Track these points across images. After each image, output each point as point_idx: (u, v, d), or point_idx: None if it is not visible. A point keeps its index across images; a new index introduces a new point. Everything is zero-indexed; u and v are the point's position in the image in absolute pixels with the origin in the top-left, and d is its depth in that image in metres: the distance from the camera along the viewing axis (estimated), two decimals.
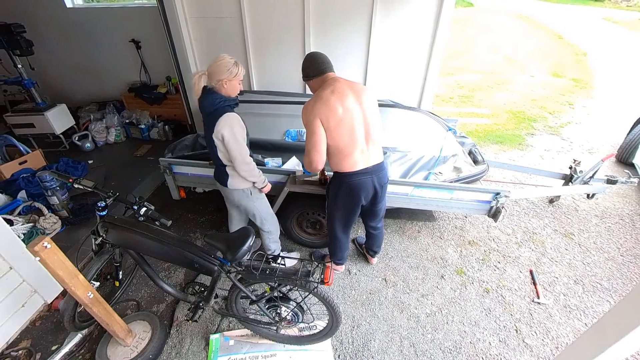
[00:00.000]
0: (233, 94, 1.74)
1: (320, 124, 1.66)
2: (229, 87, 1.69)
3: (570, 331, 2.07)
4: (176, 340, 2.00)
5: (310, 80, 1.80)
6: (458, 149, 2.64)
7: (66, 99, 4.30)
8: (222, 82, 1.66)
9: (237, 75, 1.67)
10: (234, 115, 1.71)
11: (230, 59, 1.65)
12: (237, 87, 1.73)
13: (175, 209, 3.06)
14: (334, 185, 1.91)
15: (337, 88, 1.67)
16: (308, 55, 1.82)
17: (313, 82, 1.80)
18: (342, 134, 1.69)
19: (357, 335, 2.04)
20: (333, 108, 1.64)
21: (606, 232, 2.88)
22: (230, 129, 1.68)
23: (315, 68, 1.76)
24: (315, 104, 1.66)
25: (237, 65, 1.66)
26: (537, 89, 6.41)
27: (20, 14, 4.13)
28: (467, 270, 2.49)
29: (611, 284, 2.39)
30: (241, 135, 1.72)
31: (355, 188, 1.83)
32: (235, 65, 1.65)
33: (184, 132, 4.31)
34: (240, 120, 1.73)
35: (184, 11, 3.21)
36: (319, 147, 1.69)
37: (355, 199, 1.88)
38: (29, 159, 3.34)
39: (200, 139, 2.70)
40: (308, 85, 1.85)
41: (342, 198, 1.90)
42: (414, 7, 2.90)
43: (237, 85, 1.72)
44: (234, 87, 1.71)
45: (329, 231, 2.18)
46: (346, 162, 1.76)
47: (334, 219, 2.05)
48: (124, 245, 1.68)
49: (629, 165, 3.81)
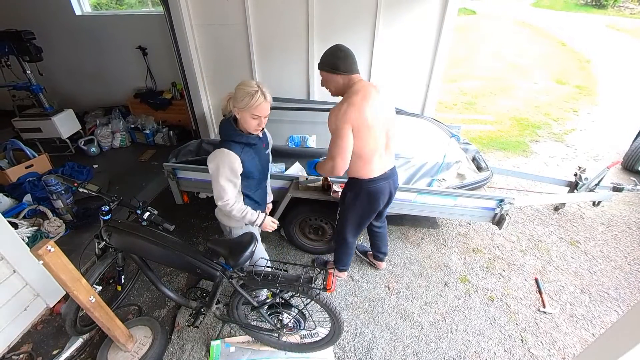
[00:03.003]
0: (247, 129, 1.49)
1: (350, 131, 1.58)
2: (240, 118, 1.47)
3: (577, 341, 2.03)
4: (177, 346, 1.99)
5: (334, 75, 1.64)
6: (461, 155, 2.63)
7: (73, 104, 4.36)
8: (235, 111, 1.46)
9: (248, 107, 1.41)
10: (227, 154, 1.46)
11: (252, 87, 1.40)
12: (250, 122, 1.46)
13: (178, 214, 3.07)
14: (352, 192, 1.86)
15: (368, 94, 1.60)
16: (342, 47, 1.65)
17: (336, 77, 1.64)
18: (369, 142, 1.64)
19: (359, 343, 2.01)
20: (365, 116, 1.58)
21: (613, 240, 2.84)
22: (215, 166, 1.46)
23: (348, 64, 1.63)
24: (347, 110, 1.56)
25: (253, 97, 1.39)
26: (540, 96, 6.40)
27: (30, 21, 4.22)
28: (471, 278, 2.45)
29: (619, 294, 2.35)
30: (226, 176, 1.48)
31: (375, 194, 1.82)
32: (250, 96, 1.39)
33: (188, 137, 4.35)
34: (233, 163, 1.46)
35: (190, 19, 3.27)
36: (345, 154, 1.62)
37: (374, 205, 1.87)
38: (35, 163, 3.38)
39: (204, 144, 2.71)
40: (326, 77, 1.68)
41: (361, 204, 1.87)
42: (417, 15, 2.93)
43: (249, 120, 1.45)
44: (246, 120, 1.46)
45: (338, 237, 2.15)
46: (367, 168, 1.73)
47: (347, 224, 2.01)
48: (127, 249, 1.69)
49: (635, 172, 3.78)
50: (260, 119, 1.47)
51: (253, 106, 1.41)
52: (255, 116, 1.45)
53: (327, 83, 1.71)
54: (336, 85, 1.68)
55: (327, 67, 1.66)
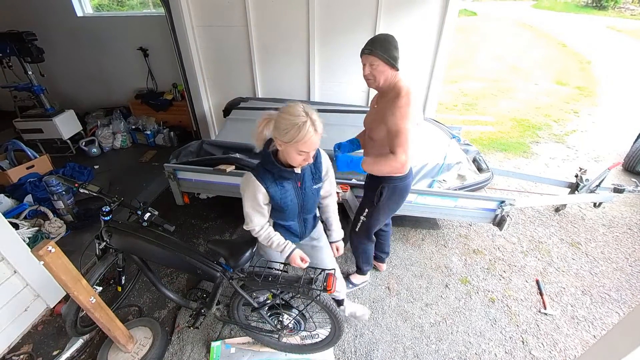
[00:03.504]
0: (288, 162, 1.28)
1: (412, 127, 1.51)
2: (283, 151, 1.25)
3: (578, 343, 2.03)
4: (177, 347, 1.99)
5: (391, 68, 1.51)
6: (462, 156, 2.63)
7: (74, 105, 4.38)
8: (277, 142, 1.24)
9: (294, 142, 1.17)
10: (252, 182, 1.32)
11: (299, 117, 1.15)
12: (295, 158, 1.24)
13: (178, 215, 3.07)
14: (389, 190, 1.76)
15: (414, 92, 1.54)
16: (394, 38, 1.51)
17: (391, 71, 1.53)
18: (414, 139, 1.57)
19: (359, 344, 2.01)
20: (418, 114, 1.54)
21: (614, 241, 2.83)
22: (242, 190, 1.37)
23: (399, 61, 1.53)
24: (411, 106, 1.49)
25: (301, 130, 1.14)
26: (541, 97, 6.39)
27: (32, 22, 4.24)
28: (472, 280, 2.45)
29: (620, 295, 2.34)
30: (250, 204, 1.37)
31: (407, 190, 1.81)
32: (297, 128, 1.14)
33: (189, 138, 4.35)
34: (257, 192, 1.32)
35: (191, 20, 3.27)
36: (410, 150, 1.51)
37: (402, 201, 1.86)
38: (36, 163, 3.39)
39: (205, 145, 2.72)
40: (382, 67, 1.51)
41: (395, 201, 1.83)
42: (417, 16, 2.93)
43: (294, 156, 1.23)
44: (290, 155, 1.24)
45: (362, 238, 2.03)
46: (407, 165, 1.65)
47: (377, 223, 1.94)
48: (128, 250, 1.69)
49: (636, 174, 3.77)
50: (308, 154, 1.24)
51: (300, 141, 1.16)
52: (302, 152, 1.21)
53: (378, 73, 1.53)
54: (386, 78, 1.54)
55: (387, 57, 1.49)
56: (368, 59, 1.53)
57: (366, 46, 1.54)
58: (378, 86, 1.60)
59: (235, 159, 2.37)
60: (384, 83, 1.56)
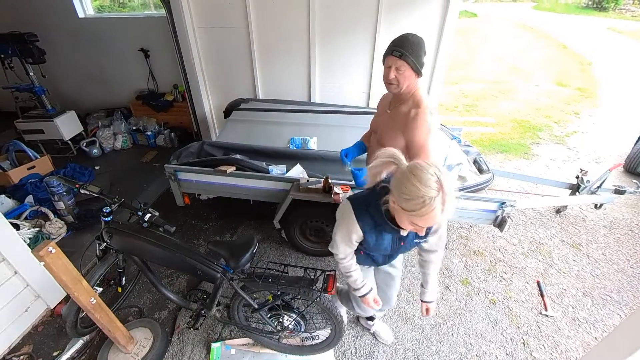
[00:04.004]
0: (396, 219, 1.10)
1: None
2: (395, 212, 1.07)
3: (579, 345, 2.02)
4: (177, 348, 1.98)
5: (416, 75, 1.43)
6: (463, 157, 2.63)
7: (75, 106, 4.38)
8: (392, 200, 1.06)
9: (410, 214, 0.99)
10: (350, 217, 1.20)
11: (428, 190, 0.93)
12: (406, 225, 1.08)
13: (179, 216, 3.08)
14: None
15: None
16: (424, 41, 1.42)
17: (416, 78, 1.45)
18: None
19: (360, 346, 2.00)
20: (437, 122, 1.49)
21: (615, 243, 2.82)
22: (338, 217, 1.29)
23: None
24: (433, 118, 1.44)
25: (424, 205, 0.94)
26: (542, 98, 6.39)
27: (33, 23, 4.25)
28: (473, 281, 2.45)
29: (621, 297, 2.33)
30: (341, 235, 1.28)
31: None
32: (422, 203, 0.94)
33: (189, 139, 4.36)
34: (351, 228, 1.22)
35: (192, 21, 3.28)
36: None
37: None
38: (37, 164, 3.39)
39: (205, 146, 2.72)
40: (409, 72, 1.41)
41: None
42: (418, 17, 2.94)
43: (406, 224, 1.07)
44: (401, 220, 1.07)
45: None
46: None
47: None
48: (128, 251, 1.69)
49: (637, 175, 3.76)
50: (423, 228, 1.07)
51: (420, 216, 0.98)
52: (416, 226, 1.05)
53: (403, 79, 1.42)
54: (409, 85, 1.45)
55: (417, 63, 1.39)
56: (396, 63, 1.40)
57: (395, 48, 1.40)
58: (399, 92, 1.50)
59: (236, 160, 2.38)
60: (406, 89, 1.47)
